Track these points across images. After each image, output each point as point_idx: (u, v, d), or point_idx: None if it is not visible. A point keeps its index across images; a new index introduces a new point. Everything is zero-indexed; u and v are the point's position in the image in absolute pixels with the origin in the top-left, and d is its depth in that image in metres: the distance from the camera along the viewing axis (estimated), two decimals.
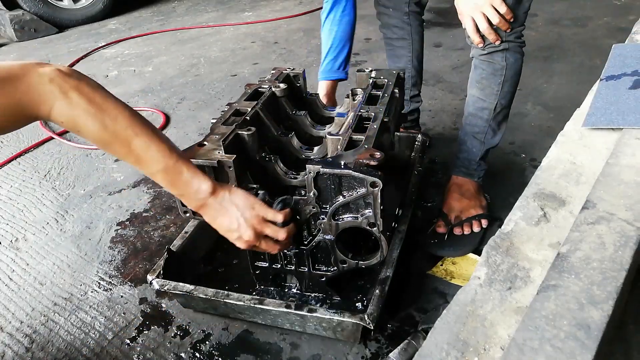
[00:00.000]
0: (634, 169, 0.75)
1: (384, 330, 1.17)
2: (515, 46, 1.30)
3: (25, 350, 1.19)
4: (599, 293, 0.48)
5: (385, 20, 1.68)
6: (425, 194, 1.62)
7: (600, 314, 0.47)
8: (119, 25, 3.91)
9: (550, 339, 0.45)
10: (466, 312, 0.51)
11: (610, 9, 3.18)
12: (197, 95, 2.55)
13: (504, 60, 1.31)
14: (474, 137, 1.43)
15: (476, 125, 1.41)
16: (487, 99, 1.37)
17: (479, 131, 1.42)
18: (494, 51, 1.30)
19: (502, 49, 1.29)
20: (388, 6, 1.64)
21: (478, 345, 0.48)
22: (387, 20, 1.67)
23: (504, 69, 1.32)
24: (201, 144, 1.06)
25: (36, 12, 3.70)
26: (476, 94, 1.39)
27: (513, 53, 1.31)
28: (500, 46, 1.28)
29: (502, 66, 1.32)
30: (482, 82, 1.36)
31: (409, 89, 1.76)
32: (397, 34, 1.68)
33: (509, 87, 1.35)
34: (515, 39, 1.28)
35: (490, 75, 1.34)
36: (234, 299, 1.08)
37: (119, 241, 1.54)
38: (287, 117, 1.34)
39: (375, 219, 0.98)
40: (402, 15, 1.64)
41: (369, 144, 1.02)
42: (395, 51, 1.72)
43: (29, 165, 2.02)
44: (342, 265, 1.11)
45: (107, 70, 2.98)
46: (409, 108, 1.80)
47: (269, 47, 3.16)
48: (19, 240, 1.58)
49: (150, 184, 1.82)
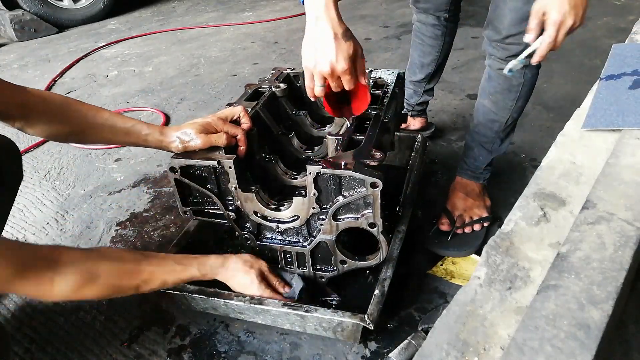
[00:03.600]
0: (634, 169, 0.75)
1: (384, 330, 1.17)
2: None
3: (24, 351, 1.19)
4: (599, 293, 0.48)
5: (423, 18, 1.64)
6: (425, 194, 1.62)
7: (600, 314, 0.47)
8: (119, 25, 3.91)
9: (550, 339, 0.45)
10: (466, 312, 0.51)
11: (610, 9, 3.18)
12: (197, 95, 2.55)
13: (522, 76, 1.26)
14: (482, 146, 1.42)
15: (485, 135, 1.40)
16: (499, 113, 1.33)
17: (487, 141, 1.40)
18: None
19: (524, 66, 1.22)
20: (428, 10, 1.60)
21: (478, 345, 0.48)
22: (425, 19, 1.63)
23: (520, 85, 1.27)
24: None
25: (36, 12, 3.69)
26: (488, 105, 1.35)
27: (532, 68, 1.25)
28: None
29: (520, 83, 1.27)
30: (495, 96, 1.32)
31: (425, 81, 1.75)
32: (432, 33, 1.65)
33: (522, 102, 1.31)
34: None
35: (506, 90, 1.29)
36: (234, 299, 1.09)
37: (119, 241, 1.54)
38: (287, 117, 1.34)
39: (375, 219, 0.98)
40: (441, 18, 1.60)
41: (369, 144, 1.02)
42: (425, 47, 1.69)
43: (28, 165, 2.02)
44: (343, 266, 1.11)
45: (107, 70, 2.98)
46: (420, 99, 1.80)
47: (269, 47, 3.16)
48: (19, 240, 1.58)
49: (151, 183, 1.82)
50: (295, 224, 1.08)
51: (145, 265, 0.98)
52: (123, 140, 1.08)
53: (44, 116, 0.99)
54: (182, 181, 1.09)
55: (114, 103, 2.53)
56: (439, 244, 1.39)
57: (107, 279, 0.91)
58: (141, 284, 0.97)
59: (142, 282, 0.97)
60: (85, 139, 1.08)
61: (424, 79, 1.75)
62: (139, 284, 0.96)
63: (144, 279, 0.97)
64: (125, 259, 0.97)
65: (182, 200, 1.14)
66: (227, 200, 1.11)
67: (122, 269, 0.95)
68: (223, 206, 1.11)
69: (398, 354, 1.03)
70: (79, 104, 1.05)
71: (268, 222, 1.10)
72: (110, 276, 0.92)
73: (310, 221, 1.07)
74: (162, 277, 1.00)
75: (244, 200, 1.08)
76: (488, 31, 1.26)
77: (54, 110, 1.01)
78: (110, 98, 2.60)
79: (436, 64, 1.71)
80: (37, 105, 0.98)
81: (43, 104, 1.00)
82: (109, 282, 0.91)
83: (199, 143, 1.04)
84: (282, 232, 1.12)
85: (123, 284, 0.94)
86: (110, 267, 0.92)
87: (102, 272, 0.90)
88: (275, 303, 1.06)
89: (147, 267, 0.98)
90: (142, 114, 2.40)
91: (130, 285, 0.95)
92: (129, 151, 2.03)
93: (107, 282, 0.91)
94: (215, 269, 1.08)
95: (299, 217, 1.06)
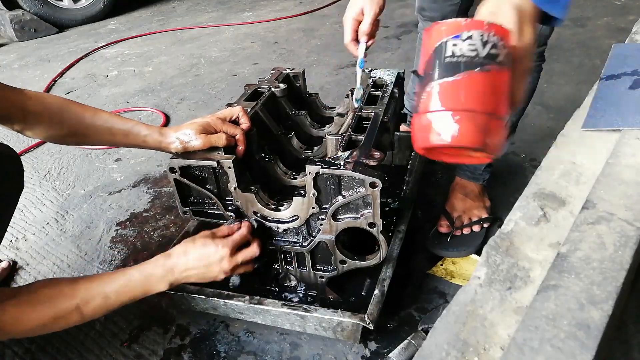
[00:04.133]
0: (634, 169, 0.75)
1: (384, 330, 1.17)
2: (537, 66, 1.27)
3: (24, 351, 1.19)
4: (599, 293, 0.48)
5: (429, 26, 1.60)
6: (425, 194, 1.62)
7: (600, 314, 0.47)
8: (119, 25, 3.91)
9: (550, 339, 0.45)
10: (466, 312, 0.51)
11: (610, 9, 3.18)
12: (197, 95, 2.55)
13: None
14: None
15: None
16: None
17: None
18: None
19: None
20: (434, 19, 1.53)
21: (478, 345, 0.48)
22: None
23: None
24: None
25: (36, 12, 3.69)
26: None
27: (533, 72, 1.26)
28: None
29: None
30: None
31: None
32: None
33: (523, 104, 1.32)
34: (537, 59, 1.25)
35: None
36: (234, 299, 1.08)
37: (119, 241, 1.54)
38: (286, 117, 1.34)
39: (375, 219, 0.98)
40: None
41: (369, 144, 1.02)
42: None
43: (29, 165, 2.02)
44: (342, 266, 1.11)
45: (107, 70, 2.98)
46: None
47: (269, 47, 3.16)
48: (19, 240, 1.58)
49: (150, 184, 1.82)
50: (295, 224, 1.08)
51: (82, 283, 0.93)
52: (122, 142, 1.07)
53: (42, 119, 0.99)
54: (181, 181, 1.09)
55: (113, 103, 2.53)
56: (438, 244, 1.39)
57: (44, 304, 0.88)
58: (80, 304, 0.91)
59: (80, 301, 0.90)
60: (84, 141, 1.07)
61: None
62: (78, 304, 0.90)
63: (82, 296, 0.91)
64: (61, 282, 0.93)
65: (182, 200, 1.13)
66: (226, 201, 1.11)
67: (58, 291, 0.91)
68: (223, 206, 1.11)
69: (398, 354, 1.03)
70: (78, 105, 1.04)
71: (268, 222, 1.10)
72: (47, 300, 0.89)
73: (309, 221, 1.07)
74: (100, 289, 0.93)
75: (244, 201, 1.08)
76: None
77: (52, 112, 1.00)
78: (110, 98, 2.60)
79: None
80: (36, 108, 0.98)
81: (42, 107, 0.99)
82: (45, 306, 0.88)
83: (199, 143, 1.04)
84: (281, 232, 1.12)
85: (61, 306, 0.89)
86: (45, 292, 0.90)
87: (38, 298, 0.88)
88: (275, 303, 1.06)
89: (82, 285, 0.93)
90: (142, 114, 2.40)
91: (69, 307, 0.90)
92: (129, 151, 2.03)
93: (44, 306, 0.88)
94: (158, 263, 0.99)
95: (298, 217, 1.06)
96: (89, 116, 1.03)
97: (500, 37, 0.60)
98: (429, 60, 0.61)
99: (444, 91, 0.58)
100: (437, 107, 0.58)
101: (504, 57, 0.59)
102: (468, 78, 0.58)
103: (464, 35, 0.59)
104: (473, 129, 0.57)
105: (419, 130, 0.60)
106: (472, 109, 0.57)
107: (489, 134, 0.57)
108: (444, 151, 0.64)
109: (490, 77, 0.58)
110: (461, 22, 0.60)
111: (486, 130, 0.57)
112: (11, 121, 0.97)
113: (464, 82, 0.58)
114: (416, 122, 0.61)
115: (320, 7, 3.89)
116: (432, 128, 0.58)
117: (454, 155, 0.65)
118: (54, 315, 0.89)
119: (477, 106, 0.57)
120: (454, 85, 0.58)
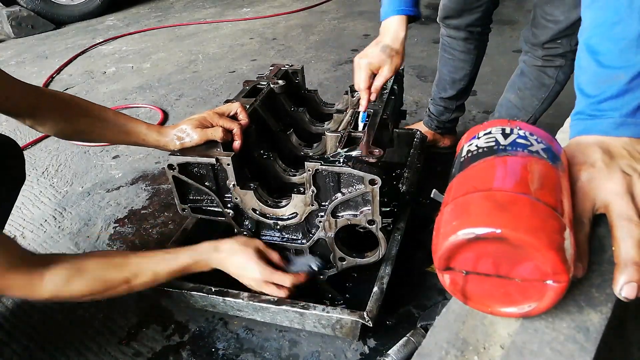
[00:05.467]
0: None
1: (383, 327, 1.17)
2: (571, 63, 1.24)
3: (23, 349, 1.19)
4: (598, 296, 0.48)
5: (454, 33, 1.56)
6: (424, 191, 1.62)
7: (599, 317, 0.46)
8: (116, 22, 3.90)
9: (549, 342, 0.45)
10: (466, 310, 0.51)
11: None
12: (195, 92, 2.54)
13: (555, 76, 1.23)
14: None
15: None
16: (524, 110, 1.30)
17: None
18: (549, 65, 1.22)
19: (559, 65, 1.20)
20: (460, 27, 1.53)
21: (478, 344, 0.48)
22: (456, 34, 1.56)
23: (551, 85, 1.25)
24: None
25: (33, 8, 3.68)
26: (513, 101, 1.32)
27: (566, 70, 1.23)
28: (557, 61, 1.21)
29: (551, 82, 1.25)
30: (524, 92, 1.29)
31: (456, 97, 1.68)
32: (464, 47, 1.57)
33: (548, 103, 1.29)
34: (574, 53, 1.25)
35: (536, 88, 1.27)
36: (233, 297, 1.08)
37: (117, 238, 1.54)
38: (285, 113, 1.33)
39: (374, 216, 0.98)
40: (474, 32, 1.54)
41: (368, 140, 1.01)
42: (456, 62, 1.61)
43: (26, 162, 2.00)
44: (341, 263, 1.11)
45: (104, 67, 2.97)
46: (452, 116, 1.73)
47: (268, 44, 3.15)
48: (17, 237, 1.58)
49: (149, 181, 1.81)
50: (294, 221, 1.07)
51: (133, 258, 0.99)
52: (124, 140, 1.10)
53: (53, 115, 1.02)
54: (180, 178, 1.08)
55: (111, 99, 2.52)
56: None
57: (95, 272, 0.93)
58: (130, 277, 0.97)
59: (131, 275, 0.97)
60: (91, 138, 1.10)
61: (455, 95, 1.67)
62: (128, 277, 0.96)
63: (132, 271, 0.97)
64: (113, 254, 1.00)
65: (181, 197, 1.13)
66: (225, 198, 1.11)
67: (110, 262, 0.97)
68: (221, 203, 1.11)
69: (397, 351, 1.03)
70: (86, 103, 1.08)
71: (267, 219, 1.09)
72: (98, 269, 0.94)
73: (309, 218, 1.07)
74: (151, 267, 1.00)
75: (243, 198, 1.07)
76: (528, 34, 1.26)
77: (63, 109, 1.04)
78: (108, 94, 2.59)
79: (468, 79, 1.64)
80: (48, 104, 1.01)
81: (53, 103, 1.03)
82: (96, 275, 0.93)
83: (196, 137, 1.05)
84: (281, 229, 1.12)
85: (111, 276, 0.95)
86: (97, 261, 0.95)
87: (89, 267, 0.93)
88: (274, 300, 1.06)
89: (134, 259, 0.99)
90: (140, 110, 2.40)
91: (119, 278, 0.96)
92: (127, 148, 2.02)
93: (95, 275, 0.93)
94: (208, 254, 1.06)
95: (297, 214, 1.06)
96: (96, 114, 1.07)
97: (532, 132, 0.53)
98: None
99: (457, 184, 0.51)
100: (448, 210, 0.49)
101: (540, 149, 0.51)
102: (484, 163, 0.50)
103: (481, 134, 0.55)
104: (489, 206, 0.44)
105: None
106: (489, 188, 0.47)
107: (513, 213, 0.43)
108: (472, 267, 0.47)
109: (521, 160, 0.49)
110: (479, 126, 0.56)
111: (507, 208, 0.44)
112: (23, 116, 1.00)
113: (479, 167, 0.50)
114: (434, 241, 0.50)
115: (319, 3, 3.88)
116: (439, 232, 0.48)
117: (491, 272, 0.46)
118: (102, 285, 0.94)
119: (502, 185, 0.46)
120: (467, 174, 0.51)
